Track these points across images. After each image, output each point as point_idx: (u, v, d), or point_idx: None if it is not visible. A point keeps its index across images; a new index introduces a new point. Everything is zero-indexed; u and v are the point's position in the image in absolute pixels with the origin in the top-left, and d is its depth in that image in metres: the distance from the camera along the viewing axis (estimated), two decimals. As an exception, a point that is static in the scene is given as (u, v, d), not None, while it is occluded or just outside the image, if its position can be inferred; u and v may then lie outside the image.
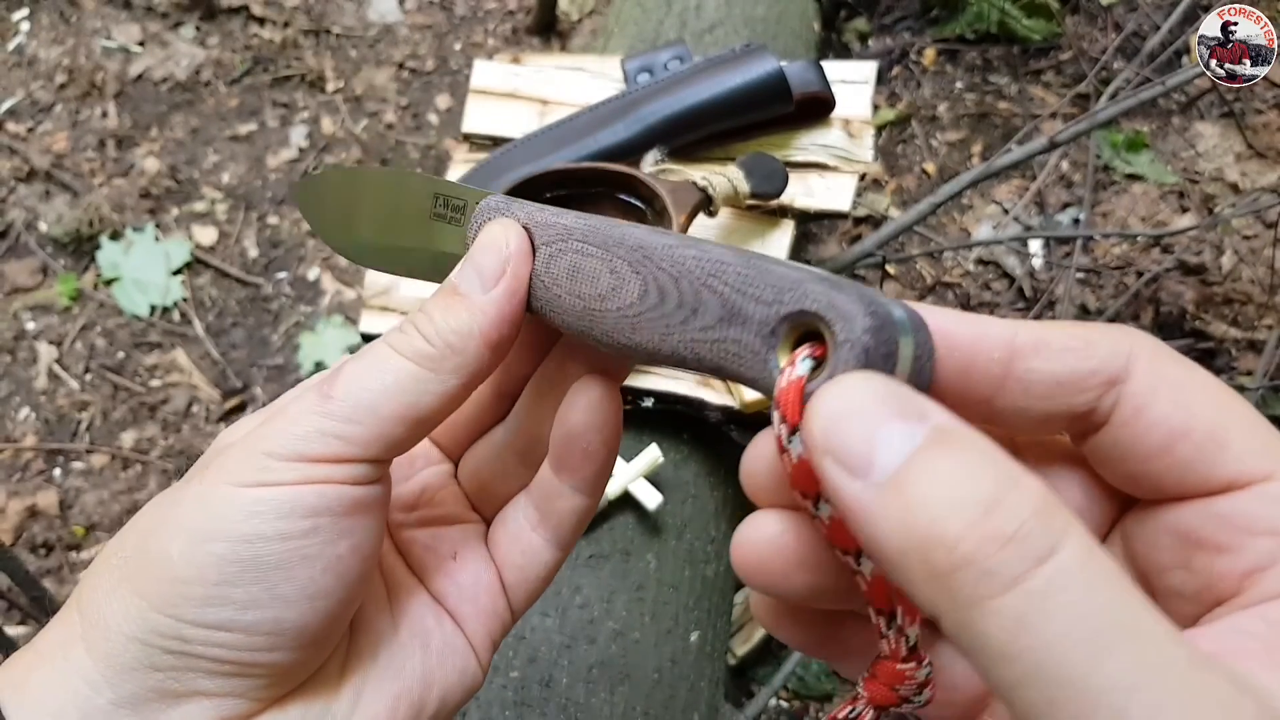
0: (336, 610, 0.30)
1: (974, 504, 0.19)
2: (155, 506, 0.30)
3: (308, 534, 0.28)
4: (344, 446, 0.29)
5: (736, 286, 0.26)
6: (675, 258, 0.28)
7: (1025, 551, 0.19)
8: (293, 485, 0.28)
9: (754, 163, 0.82)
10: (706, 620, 0.86)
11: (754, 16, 1.10)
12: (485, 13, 1.91)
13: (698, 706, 0.82)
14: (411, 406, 0.29)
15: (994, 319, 0.25)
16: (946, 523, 0.19)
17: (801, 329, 0.25)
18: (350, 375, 0.29)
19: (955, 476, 0.20)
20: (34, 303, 1.54)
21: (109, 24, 1.82)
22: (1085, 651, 0.18)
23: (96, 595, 0.29)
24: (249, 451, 0.29)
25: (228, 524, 0.28)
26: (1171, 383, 0.24)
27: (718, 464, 0.90)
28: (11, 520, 1.34)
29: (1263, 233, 1.49)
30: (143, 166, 1.66)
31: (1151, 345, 0.25)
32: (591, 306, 0.30)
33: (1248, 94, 1.63)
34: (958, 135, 1.71)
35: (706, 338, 0.27)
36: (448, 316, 0.30)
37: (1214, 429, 0.24)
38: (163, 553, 0.28)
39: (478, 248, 0.31)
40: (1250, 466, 0.23)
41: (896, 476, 0.20)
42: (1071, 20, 1.78)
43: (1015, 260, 1.57)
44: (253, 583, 0.28)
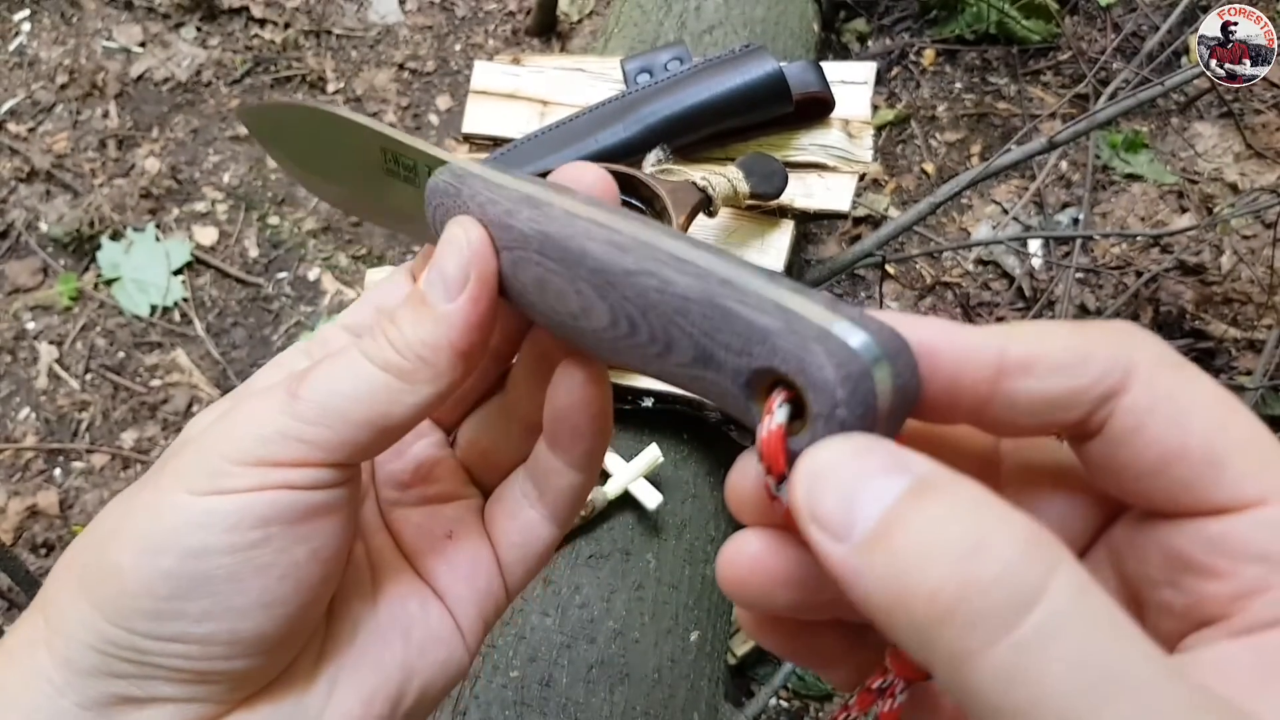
0: (297, 614, 0.29)
1: (953, 551, 0.19)
2: (114, 508, 0.29)
3: (258, 544, 0.27)
4: (307, 450, 0.28)
5: (703, 329, 0.24)
6: (638, 288, 0.26)
7: (1011, 598, 0.18)
8: (246, 493, 0.27)
9: (753, 163, 0.82)
10: (706, 620, 0.86)
11: (753, 17, 1.10)
12: (485, 14, 1.91)
13: (697, 706, 0.82)
14: (383, 415, 0.28)
15: (982, 331, 0.24)
16: (925, 573, 0.19)
17: (775, 377, 0.23)
18: (320, 377, 0.28)
19: (933, 525, 0.19)
20: (34, 303, 1.54)
21: (110, 24, 1.82)
22: (1082, 704, 0.18)
23: (60, 599, 0.28)
24: (205, 453, 0.28)
25: (176, 536, 0.27)
26: (1170, 399, 0.23)
27: (717, 464, 0.90)
28: (12, 520, 1.35)
29: (1262, 232, 1.49)
30: (143, 167, 1.67)
31: (1153, 354, 0.24)
32: (566, 323, 0.28)
33: (1247, 94, 1.63)
34: (957, 135, 1.71)
35: (685, 373, 0.25)
36: (416, 328, 0.29)
37: (1211, 450, 0.23)
38: (115, 564, 0.27)
39: (439, 249, 0.30)
40: (1246, 490, 0.23)
41: (874, 533, 0.20)
42: (1070, 21, 1.78)
43: (1015, 260, 1.57)
44: (203, 596, 0.27)
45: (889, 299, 1.55)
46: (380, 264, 1.60)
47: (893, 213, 1.62)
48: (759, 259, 0.87)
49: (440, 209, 0.31)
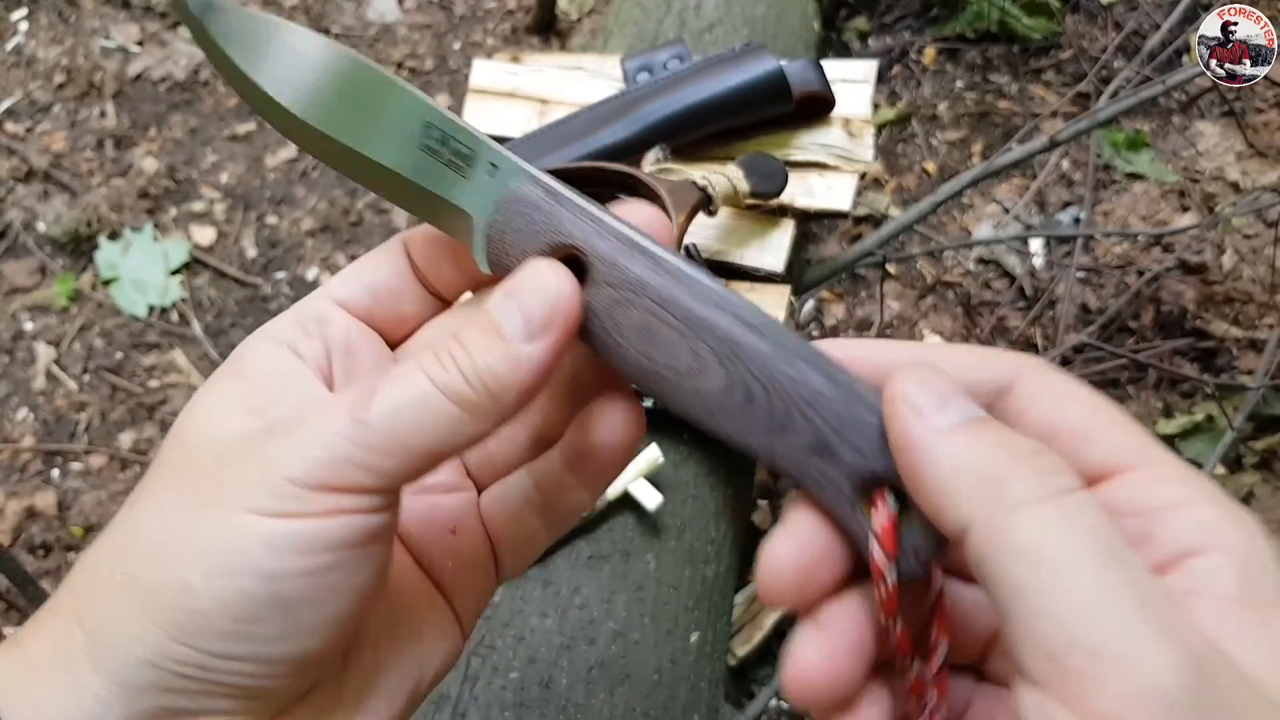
0: (352, 631, 0.30)
1: (1026, 447, 0.25)
2: (162, 521, 0.28)
3: (332, 568, 0.28)
4: (372, 477, 0.28)
5: (832, 424, 0.28)
6: (770, 370, 0.28)
7: (1060, 482, 0.24)
8: (317, 518, 0.27)
9: (754, 162, 0.82)
10: (707, 621, 0.86)
11: (753, 15, 1.10)
12: (484, 12, 1.91)
13: (698, 707, 0.82)
14: (443, 445, 0.28)
15: (896, 345, 0.30)
16: (1002, 452, 0.25)
17: (889, 483, 0.27)
18: (387, 404, 0.28)
19: (1008, 435, 0.26)
20: (32, 303, 1.53)
21: (108, 24, 1.81)
22: (1097, 559, 0.23)
23: (100, 612, 0.28)
24: (268, 474, 0.27)
25: (251, 558, 0.27)
26: (1050, 392, 0.29)
27: (718, 464, 0.90)
28: (10, 521, 1.34)
29: (1263, 232, 1.49)
30: (141, 166, 1.66)
31: (1038, 363, 0.29)
32: (663, 374, 0.29)
33: (1248, 93, 1.63)
34: (958, 134, 1.71)
35: (791, 456, 0.28)
36: (489, 361, 0.28)
37: (1083, 428, 0.28)
38: (180, 582, 0.27)
39: (525, 285, 0.29)
40: (1116, 459, 0.27)
41: (960, 425, 0.26)
42: (1072, 19, 1.78)
43: (1016, 259, 1.57)
44: (278, 618, 0.27)
45: (890, 299, 1.55)
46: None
47: (894, 212, 1.62)
48: (759, 258, 0.87)
49: (520, 218, 0.30)
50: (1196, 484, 0.26)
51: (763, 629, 1.15)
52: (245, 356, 0.32)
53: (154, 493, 0.29)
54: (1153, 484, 0.27)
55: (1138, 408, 1.42)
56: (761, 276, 0.86)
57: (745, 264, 0.86)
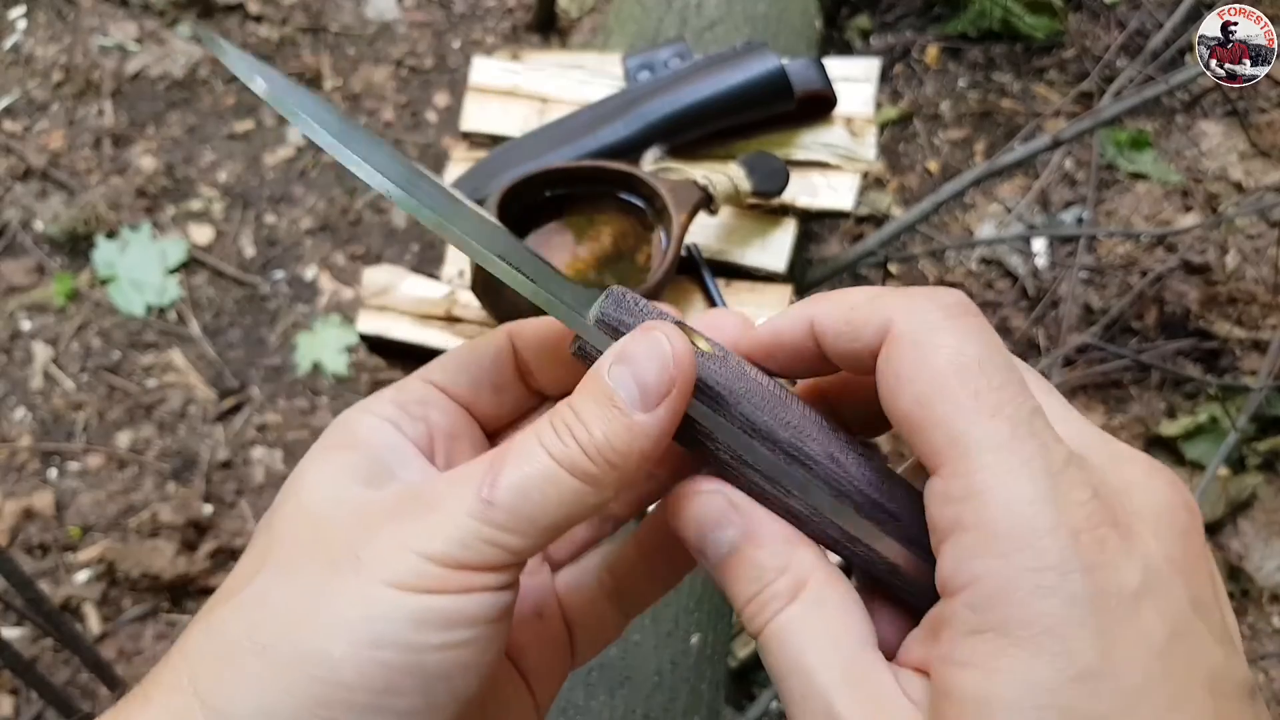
0: (474, 711, 0.30)
1: (764, 581, 0.30)
2: (296, 591, 0.28)
3: (469, 643, 0.28)
4: (501, 555, 0.28)
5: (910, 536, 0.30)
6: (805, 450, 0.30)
7: (784, 599, 0.29)
8: (456, 594, 0.27)
9: (755, 161, 0.81)
10: (707, 623, 0.85)
11: (755, 14, 1.09)
12: (484, 10, 1.90)
13: (698, 710, 0.81)
14: (568, 518, 0.29)
15: (806, 303, 0.31)
16: (751, 590, 0.30)
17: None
18: (514, 482, 0.28)
19: (744, 577, 0.30)
20: (30, 302, 1.53)
21: (106, 22, 1.81)
22: (829, 666, 0.27)
23: (225, 683, 0.27)
24: (403, 549, 0.27)
25: (395, 629, 0.27)
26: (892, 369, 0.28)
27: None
28: (7, 521, 1.34)
29: (1266, 232, 1.49)
30: (139, 165, 1.66)
31: (906, 320, 0.28)
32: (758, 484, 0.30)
33: (1251, 93, 1.62)
34: (960, 133, 1.70)
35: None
36: (607, 433, 0.28)
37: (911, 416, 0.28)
38: (322, 653, 0.26)
39: (637, 349, 0.29)
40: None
41: (717, 566, 0.31)
42: (1075, 18, 1.77)
43: (1018, 259, 1.56)
44: (416, 692, 0.27)
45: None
46: (378, 263, 1.59)
47: (895, 211, 1.61)
48: (760, 257, 0.86)
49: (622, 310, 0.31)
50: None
51: (763, 631, 1.15)
52: (351, 429, 0.32)
53: (282, 562, 0.29)
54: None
55: (1140, 408, 1.42)
56: (763, 276, 0.86)
57: (746, 264, 0.86)
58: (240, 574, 0.29)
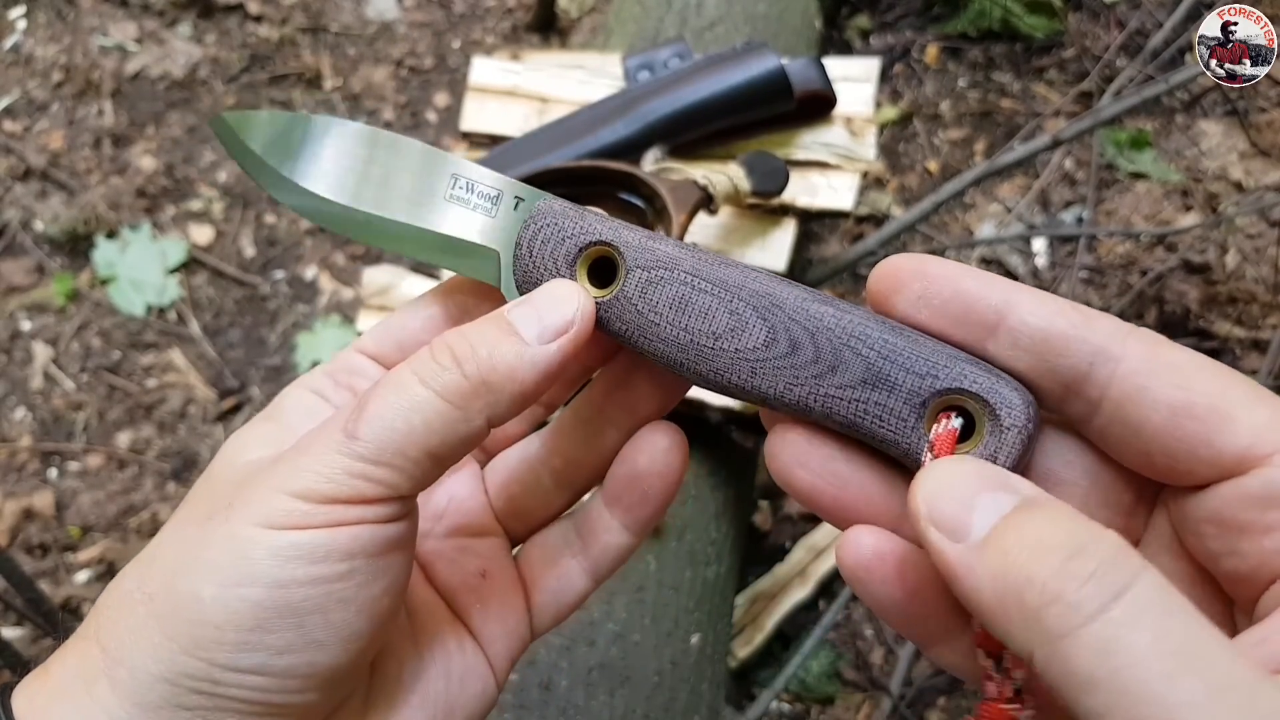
0: (368, 649, 0.30)
1: (1059, 551, 0.23)
2: (178, 541, 0.29)
3: (344, 576, 0.28)
4: (373, 488, 0.28)
5: (883, 353, 0.28)
6: (810, 312, 0.29)
7: (1105, 587, 0.22)
8: (325, 528, 0.28)
9: (755, 161, 0.81)
10: (707, 622, 0.85)
11: (755, 13, 1.09)
12: (484, 10, 1.90)
13: (698, 709, 0.81)
14: (439, 446, 0.29)
15: (1001, 279, 0.28)
16: (1036, 567, 0.22)
17: (948, 404, 0.28)
18: (376, 414, 0.28)
19: (1041, 533, 0.23)
20: (30, 302, 1.53)
21: (106, 22, 1.81)
22: (1162, 671, 0.21)
23: (119, 631, 0.28)
24: (272, 490, 0.28)
25: (261, 567, 0.27)
26: (1169, 364, 0.26)
27: (719, 465, 0.89)
28: (7, 521, 1.34)
29: (1266, 231, 1.49)
30: (139, 165, 1.66)
31: (1150, 334, 0.27)
32: (700, 343, 0.30)
33: (1251, 92, 1.62)
34: (960, 133, 1.70)
35: (844, 395, 0.28)
36: (494, 349, 0.29)
37: (1217, 404, 0.25)
38: (193, 595, 0.27)
39: (544, 296, 0.30)
40: (1262, 439, 0.24)
41: (991, 537, 0.24)
42: (1074, 18, 1.77)
43: (1018, 259, 1.56)
44: (288, 628, 0.28)
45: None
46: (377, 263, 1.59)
47: (895, 211, 1.61)
48: (760, 257, 0.86)
49: (547, 228, 0.32)
50: None
51: (764, 630, 1.15)
52: (279, 403, 0.33)
53: (175, 521, 0.30)
54: None
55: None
56: (763, 276, 0.86)
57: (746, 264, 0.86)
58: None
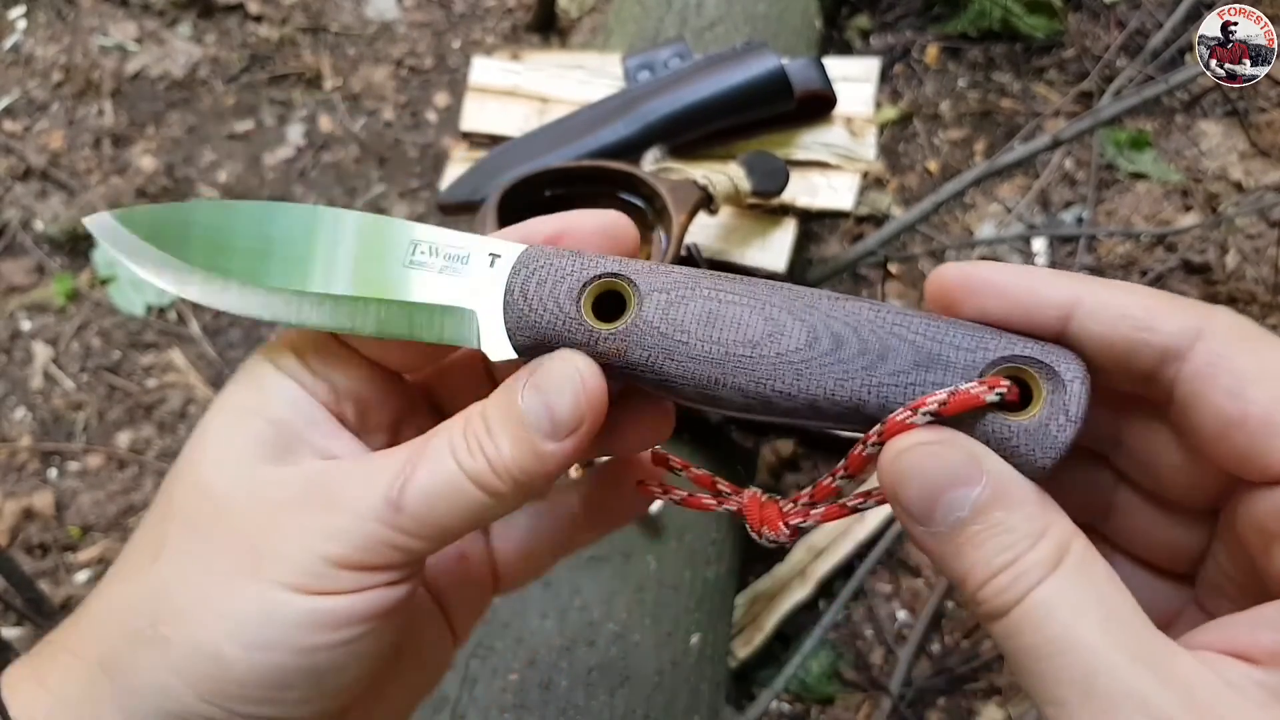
0: (367, 687, 0.31)
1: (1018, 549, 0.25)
2: (194, 584, 0.29)
3: (361, 638, 0.29)
4: (402, 557, 0.29)
5: (929, 335, 0.28)
6: (849, 309, 0.29)
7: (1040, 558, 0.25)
8: (351, 594, 0.28)
9: (755, 161, 0.81)
10: (707, 622, 0.85)
11: (755, 14, 1.09)
12: (484, 10, 1.90)
13: (698, 709, 0.81)
14: (471, 525, 0.30)
15: (1061, 276, 0.28)
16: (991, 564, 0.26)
17: (1005, 373, 0.28)
18: (423, 487, 0.29)
19: (993, 540, 0.26)
20: (30, 302, 1.53)
21: (106, 22, 1.81)
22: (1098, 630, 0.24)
23: (129, 665, 0.28)
24: (304, 549, 0.28)
25: (286, 634, 0.28)
26: (1231, 370, 0.25)
27: (719, 464, 0.89)
28: (7, 521, 1.33)
29: (1266, 232, 1.49)
30: (139, 165, 1.66)
31: (1225, 324, 0.26)
32: (738, 353, 0.29)
33: (1251, 92, 1.62)
34: (960, 133, 1.70)
35: (898, 381, 0.28)
36: (517, 456, 0.29)
37: (1269, 417, 0.24)
38: (215, 651, 0.28)
39: (553, 381, 0.29)
40: None
41: (951, 533, 0.26)
42: (1074, 18, 1.77)
43: (1018, 259, 1.56)
44: (307, 686, 0.29)
45: (892, 298, 1.54)
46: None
47: (895, 211, 1.61)
48: (760, 257, 0.86)
49: (542, 270, 0.30)
50: None
51: (763, 630, 1.15)
52: (259, 387, 0.31)
53: (184, 550, 0.29)
54: None
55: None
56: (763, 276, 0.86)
57: (746, 263, 0.86)
58: (142, 546, 0.30)
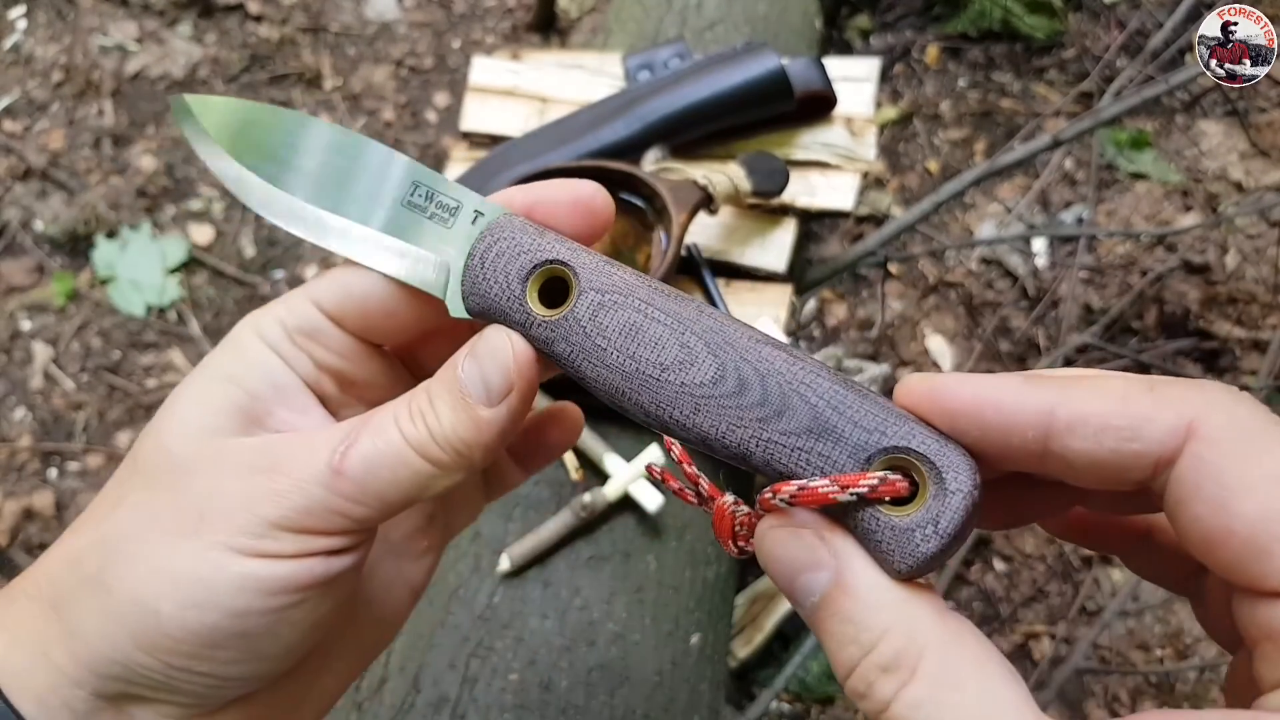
0: (310, 652, 0.32)
1: (858, 646, 0.25)
2: (143, 538, 0.30)
3: (294, 605, 0.29)
4: (344, 523, 0.30)
5: (832, 403, 0.27)
6: (763, 354, 0.28)
7: (901, 677, 0.24)
8: (288, 559, 0.29)
9: (755, 161, 0.81)
10: (707, 622, 0.85)
11: (755, 14, 1.09)
12: (484, 10, 1.90)
13: (698, 709, 0.81)
14: (414, 497, 0.30)
15: (1035, 388, 0.25)
16: (845, 657, 0.25)
17: (892, 464, 0.27)
18: (365, 455, 0.30)
19: (844, 628, 0.25)
20: (30, 302, 1.53)
21: (106, 22, 1.81)
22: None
23: (77, 609, 0.30)
24: (247, 512, 0.29)
25: (219, 596, 0.28)
26: (1218, 478, 0.23)
27: (718, 466, 0.89)
28: (8, 521, 1.34)
29: (1266, 232, 1.49)
30: (139, 165, 1.66)
31: (1220, 421, 0.23)
32: (647, 372, 0.29)
33: (1251, 92, 1.62)
34: (960, 133, 1.70)
35: (788, 443, 0.27)
36: (455, 425, 0.30)
37: (1254, 536, 0.22)
38: (152, 608, 0.29)
39: (483, 350, 0.30)
40: None
41: (811, 615, 0.26)
42: (1075, 18, 1.77)
43: (1018, 259, 1.56)
44: (238, 647, 0.29)
45: (892, 298, 1.54)
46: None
47: (895, 211, 1.61)
48: (760, 257, 0.86)
49: (502, 242, 0.31)
50: None
51: (763, 630, 1.15)
52: (241, 353, 0.32)
53: (139, 504, 0.30)
54: None
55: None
56: (763, 276, 0.86)
57: (746, 263, 0.86)
58: (105, 499, 0.31)
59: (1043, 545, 1.32)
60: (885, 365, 1.42)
